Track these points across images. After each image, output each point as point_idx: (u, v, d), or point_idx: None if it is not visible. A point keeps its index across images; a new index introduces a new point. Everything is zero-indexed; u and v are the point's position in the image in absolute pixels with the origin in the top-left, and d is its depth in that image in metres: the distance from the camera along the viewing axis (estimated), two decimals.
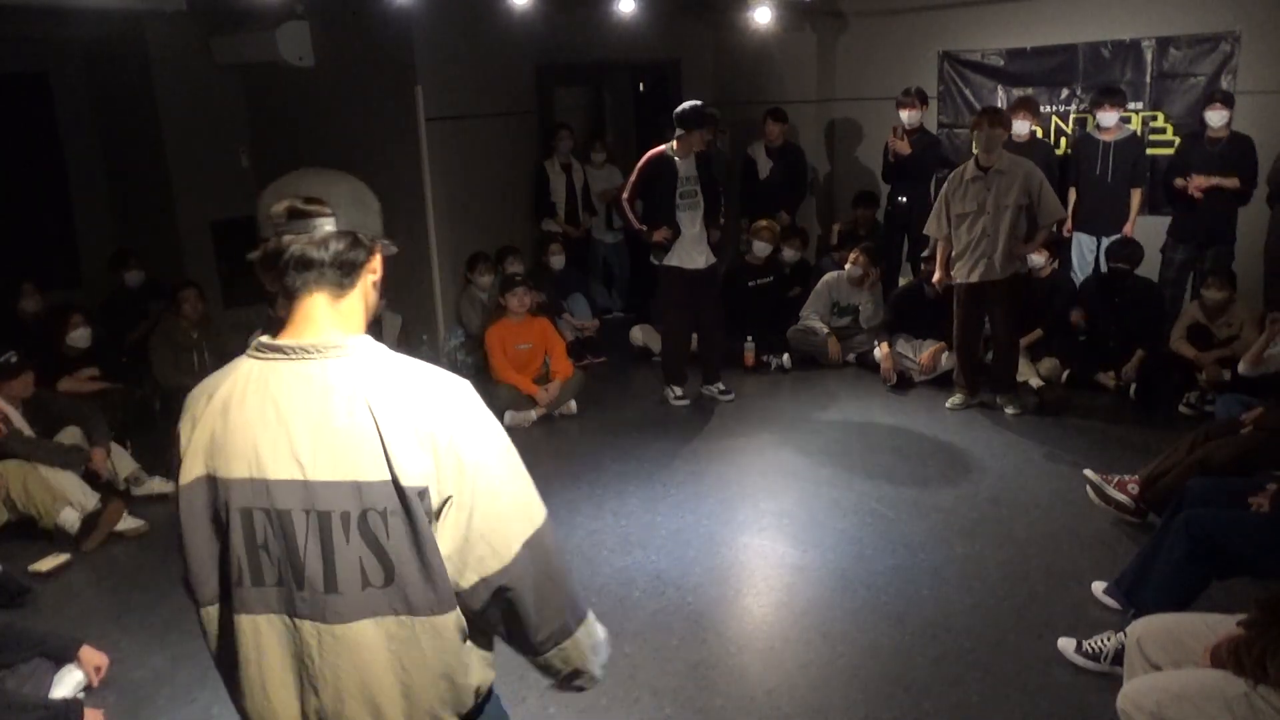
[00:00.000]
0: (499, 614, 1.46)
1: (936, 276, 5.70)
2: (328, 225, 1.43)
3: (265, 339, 1.46)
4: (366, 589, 1.39)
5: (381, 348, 1.47)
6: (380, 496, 1.37)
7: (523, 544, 1.44)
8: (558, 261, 6.94)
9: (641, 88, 9.06)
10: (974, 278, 5.39)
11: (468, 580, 1.42)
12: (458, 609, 1.43)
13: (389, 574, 1.39)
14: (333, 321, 1.46)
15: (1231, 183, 5.81)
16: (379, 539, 1.38)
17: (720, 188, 5.92)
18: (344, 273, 1.46)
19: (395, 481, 1.37)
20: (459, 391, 1.45)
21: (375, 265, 1.52)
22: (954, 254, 5.48)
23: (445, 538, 1.40)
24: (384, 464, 1.37)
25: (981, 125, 5.26)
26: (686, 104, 5.60)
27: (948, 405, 5.75)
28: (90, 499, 4.45)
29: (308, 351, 1.42)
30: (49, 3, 5.26)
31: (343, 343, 1.44)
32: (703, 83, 8.21)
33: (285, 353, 1.43)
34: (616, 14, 6.66)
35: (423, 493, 1.38)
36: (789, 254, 7.05)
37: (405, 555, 1.38)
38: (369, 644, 1.40)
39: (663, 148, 5.62)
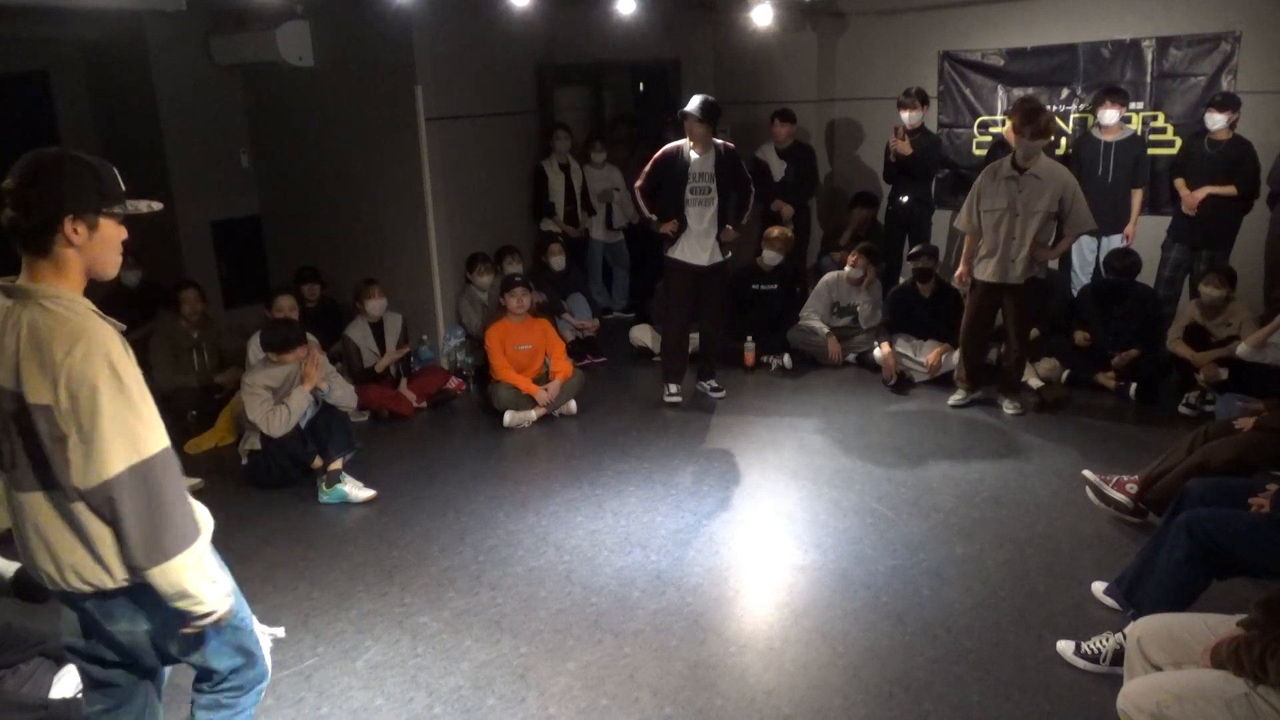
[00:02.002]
0: (109, 518, 1.89)
1: (959, 273, 5.61)
2: (7, 201, 1.85)
3: (8, 280, 1.91)
4: (36, 469, 1.92)
5: (77, 301, 1.92)
6: (34, 406, 1.86)
7: (126, 467, 1.86)
8: (558, 262, 6.94)
9: (641, 88, 9.06)
10: (992, 277, 5.33)
11: (84, 483, 1.86)
12: (83, 502, 1.90)
13: (45, 463, 1.89)
14: (46, 274, 1.91)
15: (1227, 190, 5.80)
16: (38, 435, 1.87)
17: (750, 187, 5.83)
18: (26, 238, 1.88)
19: (24, 396, 1.86)
20: (99, 343, 1.86)
21: (69, 235, 1.89)
22: (979, 250, 5.41)
23: (69, 446, 1.86)
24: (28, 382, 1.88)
25: (1022, 134, 5.03)
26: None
27: (950, 402, 5.76)
28: None
29: (27, 294, 1.89)
30: (49, 3, 5.26)
31: (48, 292, 1.89)
32: (703, 83, 8.19)
33: (17, 294, 1.89)
34: (616, 14, 6.66)
35: (48, 408, 1.84)
36: (769, 255, 6.69)
37: (48, 453, 1.88)
38: (46, 508, 1.95)
39: (681, 141, 5.63)
